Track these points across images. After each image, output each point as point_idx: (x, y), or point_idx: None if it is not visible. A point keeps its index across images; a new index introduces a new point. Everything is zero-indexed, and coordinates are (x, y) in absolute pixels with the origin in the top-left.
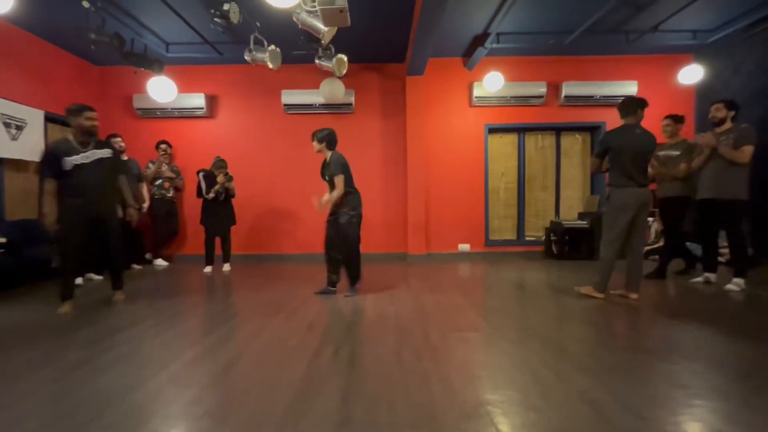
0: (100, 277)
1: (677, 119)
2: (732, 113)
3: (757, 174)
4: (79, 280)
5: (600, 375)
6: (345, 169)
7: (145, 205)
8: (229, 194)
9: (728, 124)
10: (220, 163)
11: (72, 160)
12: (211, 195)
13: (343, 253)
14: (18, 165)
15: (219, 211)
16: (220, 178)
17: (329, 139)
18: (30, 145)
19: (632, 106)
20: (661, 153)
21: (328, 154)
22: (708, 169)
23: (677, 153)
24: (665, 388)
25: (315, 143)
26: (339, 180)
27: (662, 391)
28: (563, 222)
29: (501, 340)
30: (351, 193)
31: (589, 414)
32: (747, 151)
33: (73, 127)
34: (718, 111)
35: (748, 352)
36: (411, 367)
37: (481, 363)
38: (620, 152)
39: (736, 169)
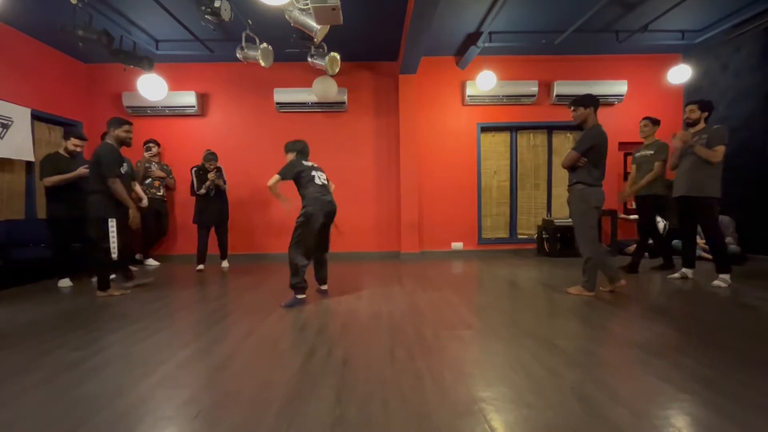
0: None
1: (654, 121)
2: (705, 114)
3: (741, 171)
4: (64, 282)
5: (591, 370)
6: (283, 172)
7: (144, 202)
8: (219, 189)
9: (702, 125)
10: (210, 156)
11: (123, 168)
12: (203, 191)
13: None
14: (3, 164)
15: (211, 206)
16: (210, 175)
17: (299, 149)
18: (16, 144)
19: (598, 103)
20: (638, 154)
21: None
22: (682, 168)
23: (651, 152)
24: (655, 382)
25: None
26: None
27: (652, 386)
28: (555, 220)
29: (494, 337)
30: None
31: (581, 409)
32: (720, 151)
33: (112, 137)
34: (692, 112)
35: (736, 346)
36: (404, 366)
37: (474, 361)
38: (600, 151)
39: (709, 168)
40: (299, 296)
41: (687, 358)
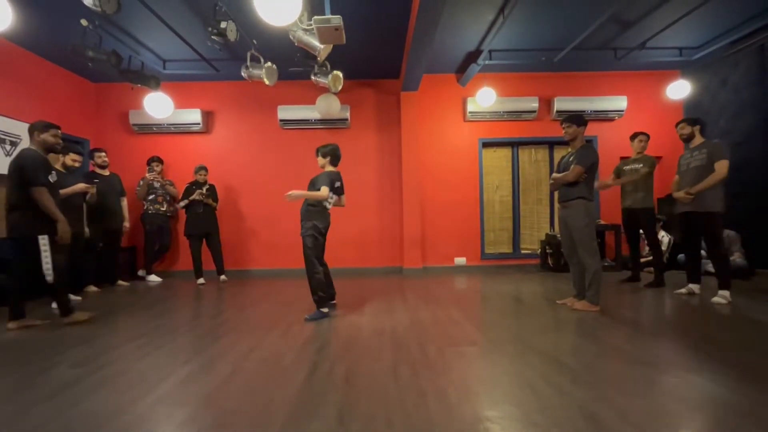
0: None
1: (648, 137)
2: (698, 127)
3: (745, 185)
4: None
5: (599, 388)
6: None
7: (126, 224)
8: (210, 206)
9: (699, 139)
10: (199, 168)
11: (51, 176)
12: (184, 203)
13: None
14: None
15: (199, 217)
16: (198, 193)
17: (331, 153)
18: None
19: (587, 124)
20: (627, 167)
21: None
22: (683, 185)
23: (641, 165)
24: (665, 400)
25: (319, 158)
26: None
27: (662, 404)
28: (558, 235)
29: (498, 354)
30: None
31: (589, 428)
32: (723, 166)
33: (37, 142)
34: (683, 129)
35: (747, 363)
36: (408, 383)
37: (479, 378)
38: (596, 168)
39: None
40: (324, 309)
41: (696, 376)
